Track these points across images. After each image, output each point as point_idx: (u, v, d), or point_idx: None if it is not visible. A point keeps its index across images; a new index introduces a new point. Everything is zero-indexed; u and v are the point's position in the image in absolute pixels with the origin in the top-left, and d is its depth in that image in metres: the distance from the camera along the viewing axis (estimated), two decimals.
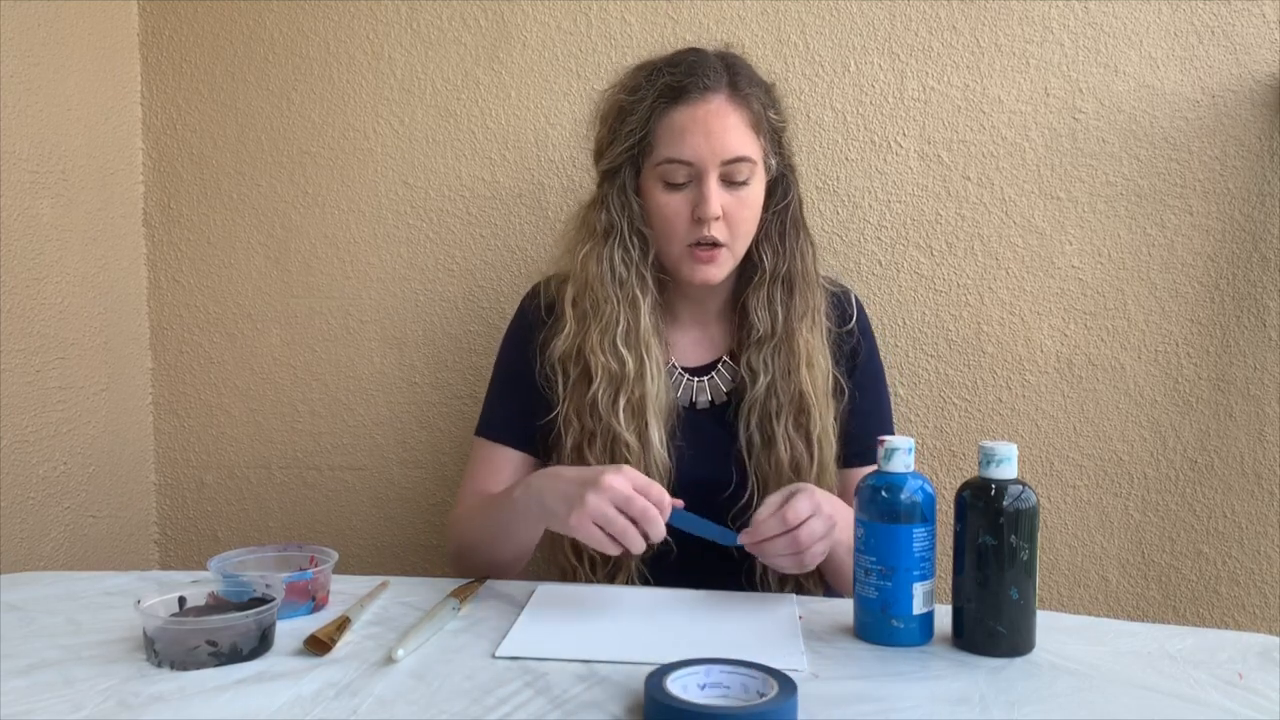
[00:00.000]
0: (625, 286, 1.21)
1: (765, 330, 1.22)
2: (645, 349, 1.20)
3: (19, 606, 1.03)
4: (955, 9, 1.49)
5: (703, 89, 1.16)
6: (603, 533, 0.98)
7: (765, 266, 1.23)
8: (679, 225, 1.18)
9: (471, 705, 0.80)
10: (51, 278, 1.47)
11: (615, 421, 1.18)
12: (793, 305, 1.23)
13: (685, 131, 1.16)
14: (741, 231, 1.19)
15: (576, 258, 1.23)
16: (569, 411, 1.21)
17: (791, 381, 1.21)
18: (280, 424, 1.67)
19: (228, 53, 1.63)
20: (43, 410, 1.46)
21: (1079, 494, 1.53)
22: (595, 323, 1.20)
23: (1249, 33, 1.44)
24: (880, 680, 0.86)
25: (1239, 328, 1.48)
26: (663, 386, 1.21)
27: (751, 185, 1.18)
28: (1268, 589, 1.49)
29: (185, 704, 0.80)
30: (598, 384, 1.19)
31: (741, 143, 1.16)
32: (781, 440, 1.20)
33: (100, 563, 1.56)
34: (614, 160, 1.21)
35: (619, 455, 1.18)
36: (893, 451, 0.94)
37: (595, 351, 1.19)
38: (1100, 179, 1.49)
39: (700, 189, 1.16)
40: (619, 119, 1.21)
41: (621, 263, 1.21)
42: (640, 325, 1.20)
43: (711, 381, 1.26)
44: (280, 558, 1.07)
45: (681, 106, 1.16)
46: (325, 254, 1.64)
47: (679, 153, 1.16)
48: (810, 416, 1.21)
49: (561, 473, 1.06)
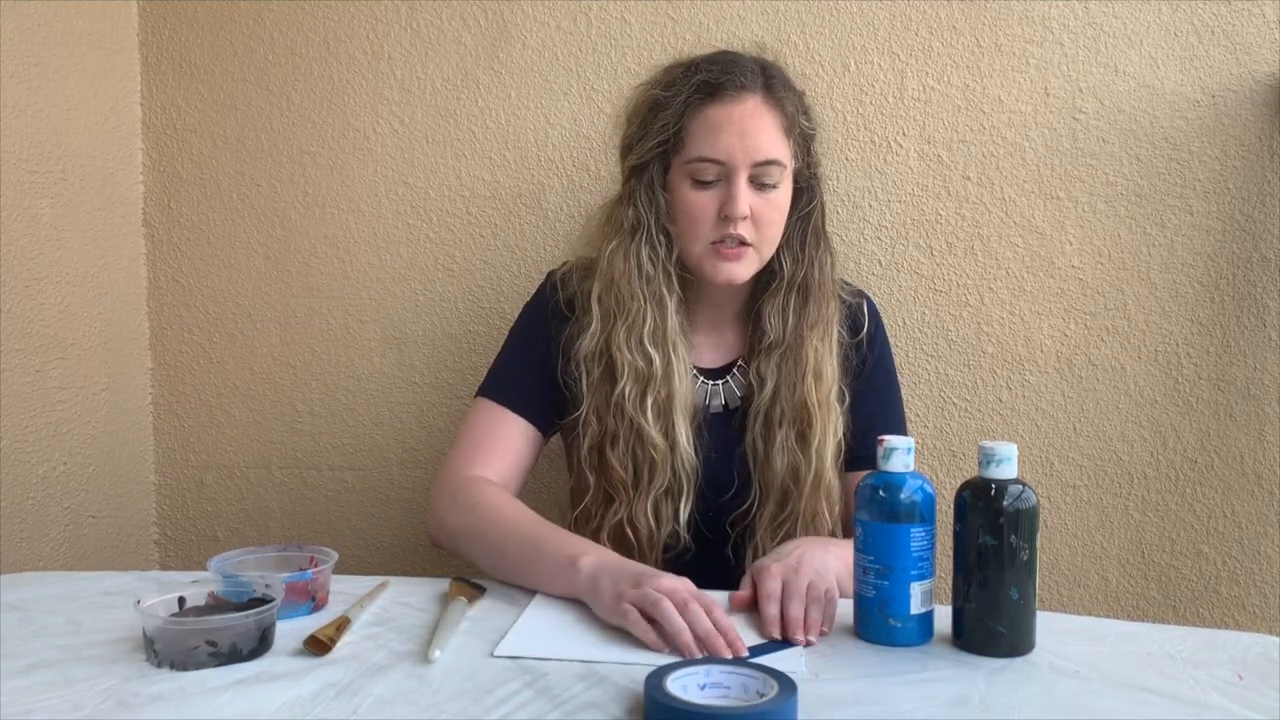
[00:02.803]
0: (652, 284, 1.20)
1: (776, 337, 1.22)
2: (672, 348, 1.19)
3: (19, 606, 1.03)
4: (955, 9, 1.49)
5: (739, 87, 1.16)
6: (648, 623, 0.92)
7: (784, 274, 1.23)
8: (705, 223, 1.17)
9: (471, 705, 0.80)
10: (51, 278, 1.48)
11: (643, 420, 1.17)
12: (805, 314, 1.22)
13: (720, 130, 1.15)
14: (768, 234, 1.18)
15: (604, 254, 1.22)
16: (589, 412, 1.20)
17: (796, 391, 1.20)
18: (280, 424, 1.67)
19: (228, 53, 1.63)
20: (43, 410, 1.46)
21: (1079, 494, 1.53)
22: (621, 320, 1.19)
23: (1249, 33, 1.44)
24: (880, 680, 0.86)
25: (1239, 328, 1.48)
26: (689, 386, 1.20)
27: (780, 189, 1.18)
28: (1268, 589, 1.49)
29: (185, 704, 0.80)
30: (624, 382, 1.18)
31: (773, 145, 1.16)
32: (780, 449, 1.20)
33: (100, 563, 1.56)
34: (643, 156, 1.20)
35: (645, 454, 1.17)
36: (892, 451, 0.94)
37: (622, 349, 1.18)
38: (1100, 179, 1.49)
39: (729, 188, 1.15)
40: (651, 114, 1.20)
41: (649, 260, 1.20)
42: (668, 324, 1.19)
43: (726, 385, 1.26)
44: (280, 558, 1.07)
45: (717, 104, 1.16)
46: (325, 254, 1.64)
47: (711, 151, 1.15)
48: (811, 427, 1.20)
49: (624, 566, 1.00)
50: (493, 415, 1.22)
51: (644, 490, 1.18)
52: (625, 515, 1.19)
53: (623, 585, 0.95)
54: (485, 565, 1.13)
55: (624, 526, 1.19)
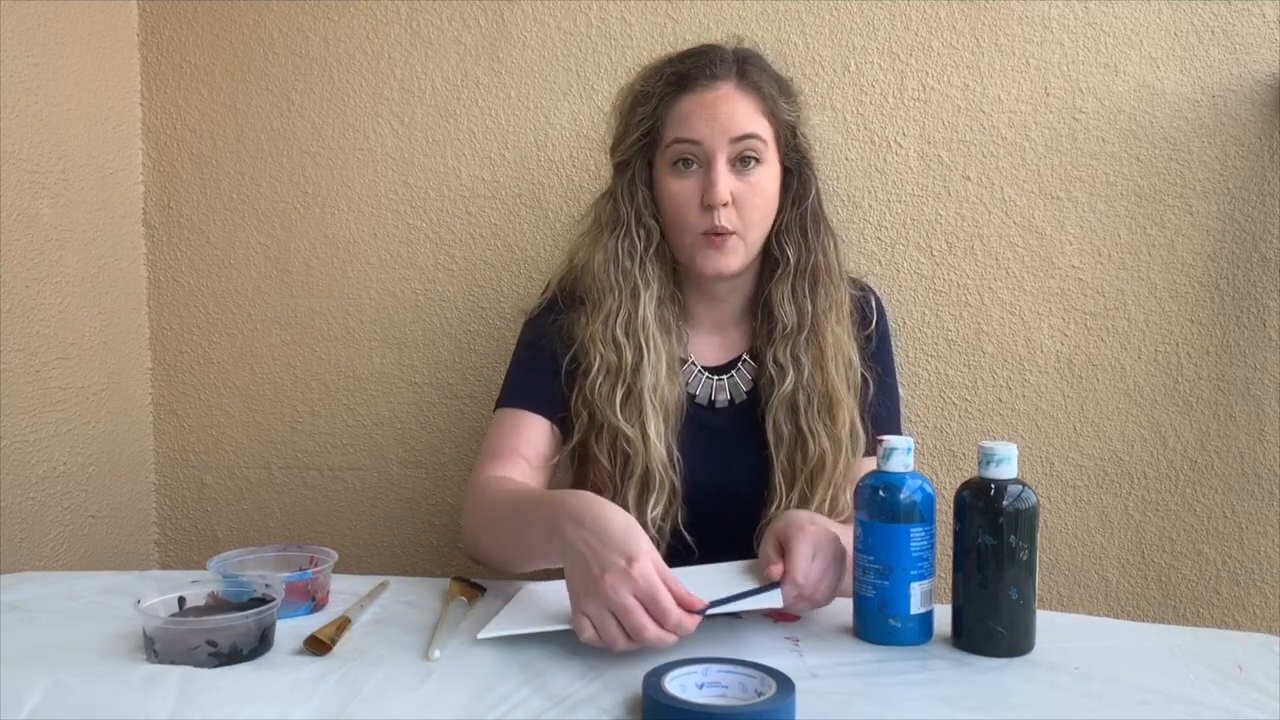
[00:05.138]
0: (628, 277, 1.20)
1: (791, 324, 1.21)
2: (645, 340, 1.18)
3: (19, 606, 1.03)
4: (955, 9, 1.49)
5: (710, 76, 1.17)
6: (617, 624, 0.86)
7: (788, 261, 1.22)
8: (689, 213, 1.17)
9: (471, 703, 0.80)
10: (51, 278, 1.48)
11: (613, 414, 1.17)
12: (818, 299, 1.22)
13: (693, 115, 1.16)
14: (753, 219, 1.18)
15: (582, 248, 1.24)
16: (577, 403, 1.20)
17: (819, 376, 1.20)
18: (280, 424, 1.67)
19: (228, 53, 1.63)
20: (43, 410, 1.46)
21: (1079, 494, 1.53)
22: (597, 313, 1.20)
23: (1249, 33, 1.44)
24: (879, 680, 0.86)
25: (1239, 328, 1.48)
26: (665, 380, 1.19)
27: (763, 167, 1.17)
28: (1268, 589, 1.49)
29: (185, 704, 0.80)
30: (595, 374, 1.18)
31: (750, 122, 1.16)
32: (810, 436, 1.19)
33: (100, 563, 1.56)
34: (626, 152, 1.22)
35: (621, 449, 1.17)
36: (891, 451, 0.94)
37: (594, 341, 1.19)
38: (1100, 179, 1.49)
39: (709, 174, 1.15)
40: (631, 110, 1.22)
41: (626, 254, 1.20)
42: (640, 315, 1.19)
43: (731, 380, 1.25)
44: (280, 558, 1.07)
45: (689, 94, 1.17)
46: (325, 254, 1.64)
47: (687, 133, 1.16)
48: (837, 412, 1.20)
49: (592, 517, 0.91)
50: (508, 420, 1.21)
51: (628, 483, 1.17)
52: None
53: (585, 582, 0.87)
54: (499, 559, 1.08)
55: None
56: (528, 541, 1.00)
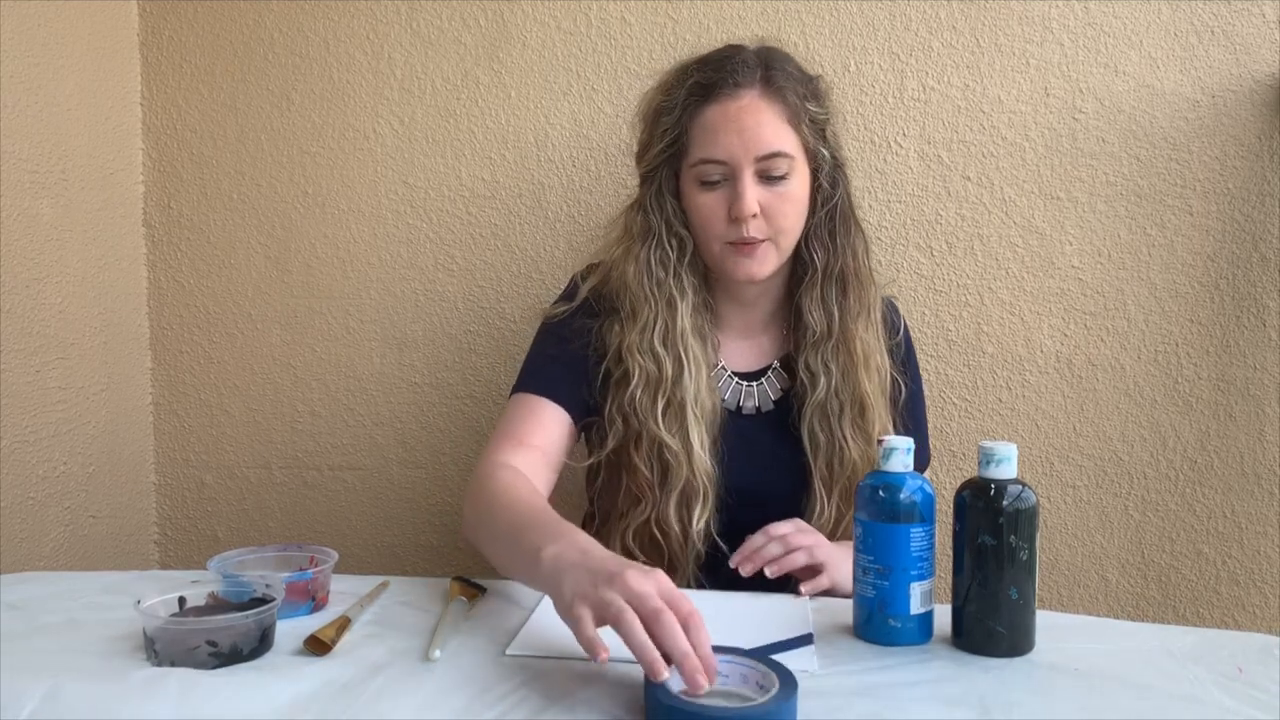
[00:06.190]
0: (663, 288, 1.19)
1: (821, 330, 1.21)
2: (684, 350, 1.18)
3: (19, 606, 1.03)
4: (955, 9, 1.49)
5: (734, 85, 1.15)
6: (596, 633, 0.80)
7: (816, 265, 1.22)
8: (716, 224, 1.17)
9: (471, 703, 0.80)
10: (51, 278, 1.48)
11: (655, 424, 1.16)
12: (847, 304, 1.22)
13: (717, 130, 1.15)
14: (783, 226, 1.17)
15: (616, 260, 1.23)
16: (612, 410, 1.19)
17: (850, 382, 1.20)
18: (280, 424, 1.67)
19: (228, 53, 1.63)
20: (43, 410, 1.46)
21: (1079, 494, 1.53)
22: (634, 324, 1.19)
23: (1249, 33, 1.44)
24: (880, 680, 0.86)
25: (1239, 328, 1.48)
26: (705, 389, 1.18)
27: (791, 180, 1.16)
28: (1268, 589, 1.49)
29: (185, 704, 0.80)
30: (635, 385, 1.17)
31: (776, 137, 1.15)
32: (841, 442, 1.19)
33: (100, 563, 1.56)
34: (652, 163, 1.21)
35: (663, 458, 1.16)
36: (891, 451, 0.94)
37: (632, 352, 1.18)
38: (1100, 179, 1.49)
39: (735, 187, 1.15)
40: (655, 120, 1.21)
41: (659, 264, 1.20)
42: (678, 326, 1.19)
43: (761, 387, 1.25)
44: (280, 558, 1.07)
45: (713, 104, 1.15)
46: (325, 254, 1.64)
47: (712, 152, 1.15)
48: (869, 417, 1.20)
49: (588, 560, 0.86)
50: (525, 404, 1.19)
51: (668, 491, 1.17)
52: (653, 516, 1.18)
53: (584, 585, 0.81)
54: (491, 556, 1.05)
55: (652, 527, 1.18)
56: (512, 569, 0.98)
